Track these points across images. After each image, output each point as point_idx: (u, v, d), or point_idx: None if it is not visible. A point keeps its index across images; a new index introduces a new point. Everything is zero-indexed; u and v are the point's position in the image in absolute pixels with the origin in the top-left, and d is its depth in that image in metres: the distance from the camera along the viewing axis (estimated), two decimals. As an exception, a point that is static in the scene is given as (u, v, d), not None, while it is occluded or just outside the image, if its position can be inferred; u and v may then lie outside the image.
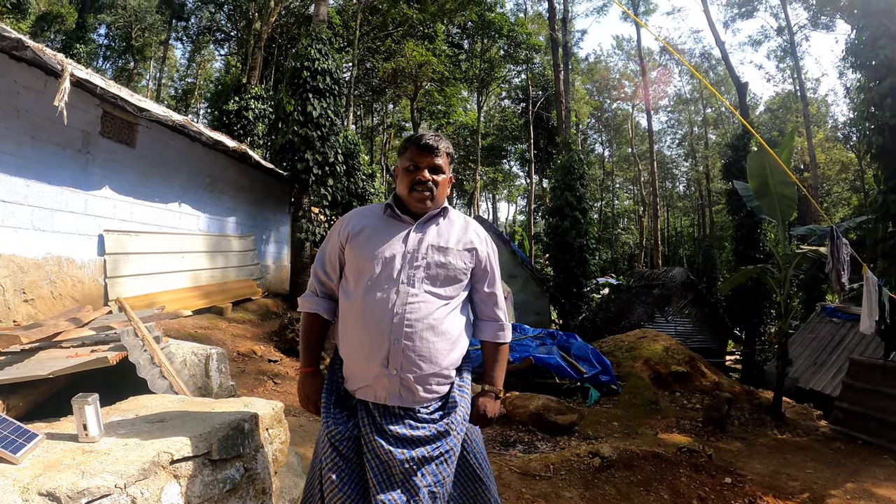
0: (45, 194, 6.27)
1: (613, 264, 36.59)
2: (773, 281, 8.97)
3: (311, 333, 2.30)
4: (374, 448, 2.00)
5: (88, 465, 1.81)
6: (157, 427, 2.25)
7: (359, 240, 2.14)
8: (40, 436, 2.03)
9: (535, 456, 4.79)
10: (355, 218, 2.22)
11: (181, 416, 2.40)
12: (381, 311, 2.03)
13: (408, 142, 2.21)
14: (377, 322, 2.03)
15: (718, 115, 45.84)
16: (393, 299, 2.04)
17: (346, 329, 2.13)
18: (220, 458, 2.19)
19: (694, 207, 51.67)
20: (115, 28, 32.65)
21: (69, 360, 3.10)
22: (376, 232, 2.14)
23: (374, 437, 2.00)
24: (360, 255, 2.11)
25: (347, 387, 2.15)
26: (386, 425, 2.02)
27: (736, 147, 19.87)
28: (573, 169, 18.00)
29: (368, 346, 2.04)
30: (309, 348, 2.31)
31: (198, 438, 2.12)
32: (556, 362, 8.34)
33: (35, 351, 3.44)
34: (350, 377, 2.13)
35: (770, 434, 7.62)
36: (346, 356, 2.14)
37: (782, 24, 31.38)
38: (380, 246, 2.10)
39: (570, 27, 29.23)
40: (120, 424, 2.30)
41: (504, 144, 44.35)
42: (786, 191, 8.38)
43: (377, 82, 30.79)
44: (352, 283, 2.15)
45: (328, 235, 2.28)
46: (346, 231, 2.17)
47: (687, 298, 20.31)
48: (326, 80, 11.75)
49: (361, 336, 2.05)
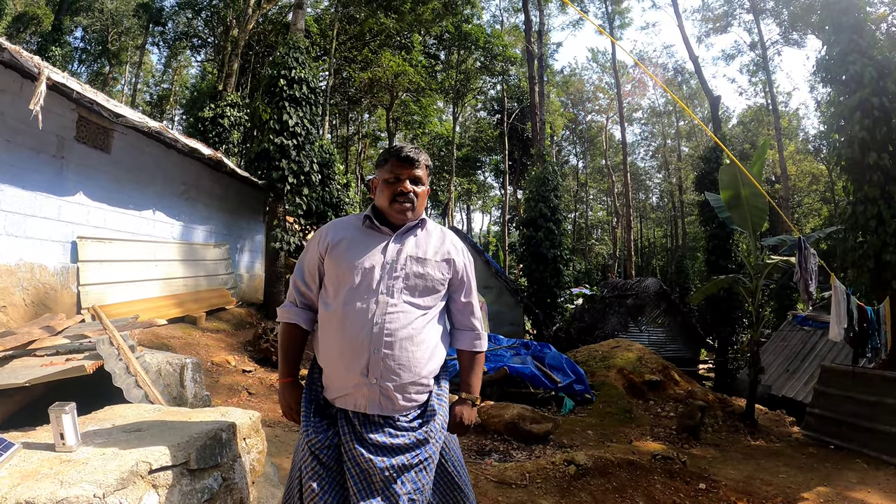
0: (17, 199, 6.16)
1: (587, 275, 36.88)
2: (744, 290, 9.16)
3: (290, 344, 2.31)
4: (354, 456, 2.02)
5: (67, 475, 1.81)
6: (135, 437, 2.24)
7: (338, 251, 2.16)
8: (17, 445, 2.02)
9: (511, 465, 4.83)
10: (334, 229, 2.24)
11: (158, 426, 2.40)
12: (361, 321, 2.06)
13: (388, 154, 2.24)
14: (357, 332, 2.05)
15: (691, 127, 46.54)
16: (373, 309, 2.07)
17: (325, 339, 2.15)
18: (198, 467, 2.20)
19: (667, 218, 52.33)
20: (92, 31, 32.22)
21: (45, 369, 3.06)
22: (355, 243, 2.17)
23: (354, 446, 2.02)
24: (340, 265, 2.13)
25: (327, 395, 2.16)
26: (366, 433, 2.04)
27: (708, 159, 20.25)
28: (547, 180, 18.16)
29: (349, 355, 2.06)
30: (288, 359, 2.32)
31: (176, 448, 2.13)
32: (530, 372, 8.39)
33: (9, 359, 3.40)
34: (329, 386, 2.15)
35: (743, 441, 7.74)
36: (326, 365, 2.15)
37: (755, 40, 32.04)
38: (359, 257, 2.13)
39: (546, 40, 29.52)
40: (97, 434, 2.29)
41: (479, 155, 44.63)
42: (757, 202, 8.56)
43: (353, 92, 30.78)
44: (331, 293, 2.17)
45: (307, 247, 2.29)
46: (325, 242, 2.19)
47: (660, 308, 20.59)
48: (303, 89, 11.75)
49: (342, 345, 2.07)
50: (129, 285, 8.01)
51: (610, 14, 36.36)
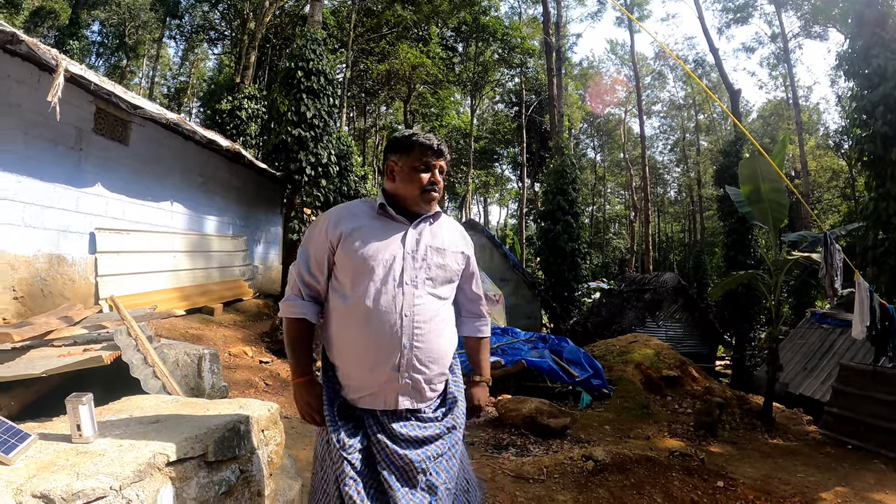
0: (36, 191, 6.20)
1: (604, 269, 36.70)
2: (763, 286, 9.00)
3: (300, 339, 2.16)
4: (388, 455, 1.98)
5: (83, 467, 1.78)
6: (152, 428, 2.22)
7: (354, 241, 2.05)
8: (33, 436, 1.99)
9: (529, 459, 4.78)
10: (345, 217, 2.12)
11: (176, 418, 2.37)
12: (389, 314, 2.00)
13: (414, 140, 2.15)
14: (387, 327, 1.99)
15: (711, 121, 46.07)
16: (400, 302, 2.02)
17: (345, 334, 2.06)
18: (215, 459, 2.17)
19: (685, 213, 51.91)
20: (109, 25, 32.42)
21: (62, 360, 3.05)
22: (372, 232, 2.08)
23: (387, 444, 1.99)
24: (357, 256, 2.02)
25: (347, 395, 2.08)
26: (397, 430, 2.01)
27: (728, 153, 20.02)
28: (566, 173, 18.04)
29: (379, 351, 1.99)
30: (301, 355, 2.16)
31: (193, 440, 2.10)
32: (548, 366, 8.33)
33: (27, 349, 3.40)
34: (350, 386, 2.07)
35: (761, 439, 7.63)
36: (346, 363, 2.07)
37: (776, 31, 31.61)
38: (378, 247, 2.04)
39: (565, 32, 29.33)
40: (114, 425, 2.27)
41: (496, 148, 44.42)
42: (777, 197, 8.41)
43: (370, 84, 30.72)
44: (348, 285, 2.06)
45: (309, 235, 2.17)
46: (336, 231, 2.07)
47: (678, 303, 20.38)
48: (321, 81, 11.73)
49: (368, 342, 2.00)
50: (147, 276, 8.04)
51: (629, 5, 35.94)
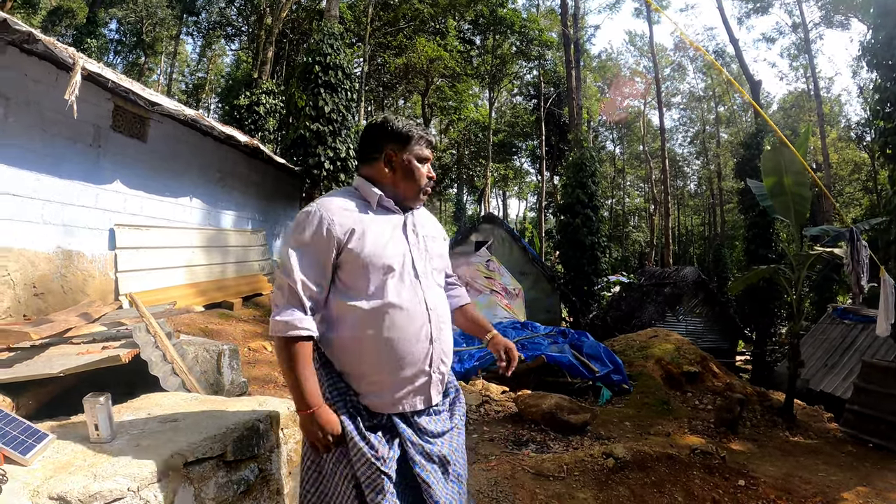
0: (55, 188, 6.22)
1: (624, 262, 36.50)
2: (785, 281, 8.85)
3: (307, 362, 1.86)
4: (425, 454, 1.91)
5: (100, 468, 1.77)
6: (170, 427, 2.20)
7: (362, 238, 1.89)
8: (50, 436, 1.98)
9: (549, 456, 4.72)
10: (343, 213, 1.92)
11: (194, 416, 2.35)
12: (417, 309, 1.93)
13: (414, 133, 2.05)
14: (418, 323, 1.92)
15: (731, 113, 45.52)
16: (421, 296, 1.95)
17: (368, 338, 1.88)
18: (234, 459, 2.15)
19: (705, 206, 51.45)
20: (126, 23, 32.76)
21: (80, 358, 3.05)
22: (376, 226, 1.95)
23: (423, 445, 1.92)
24: (371, 254, 1.88)
25: (372, 402, 1.91)
26: (426, 427, 1.96)
27: (749, 146, 19.82)
28: (585, 166, 17.94)
29: (412, 350, 1.90)
30: (311, 380, 1.85)
31: (212, 440, 2.07)
32: (568, 361, 8.26)
33: (45, 347, 3.40)
34: (376, 391, 1.90)
35: (782, 436, 7.51)
36: (371, 368, 1.89)
37: (797, 21, 31.14)
38: (388, 242, 1.94)
39: (583, 23, 29.06)
40: (132, 424, 2.25)
41: (515, 141, 44.24)
42: (801, 190, 8.24)
43: (388, 78, 30.72)
44: (361, 286, 1.89)
45: (304, 237, 1.88)
46: (342, 229, 1.88)
47: (698, 298, 20.18)
48: (338, 75, 11.73)
49: (400, 341, 1.88)
50: (166, 272, 8.08)
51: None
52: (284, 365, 1.87)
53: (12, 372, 2.84)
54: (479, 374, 8.14)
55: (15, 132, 5.72)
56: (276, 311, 1.87)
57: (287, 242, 1.94)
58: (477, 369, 8.28)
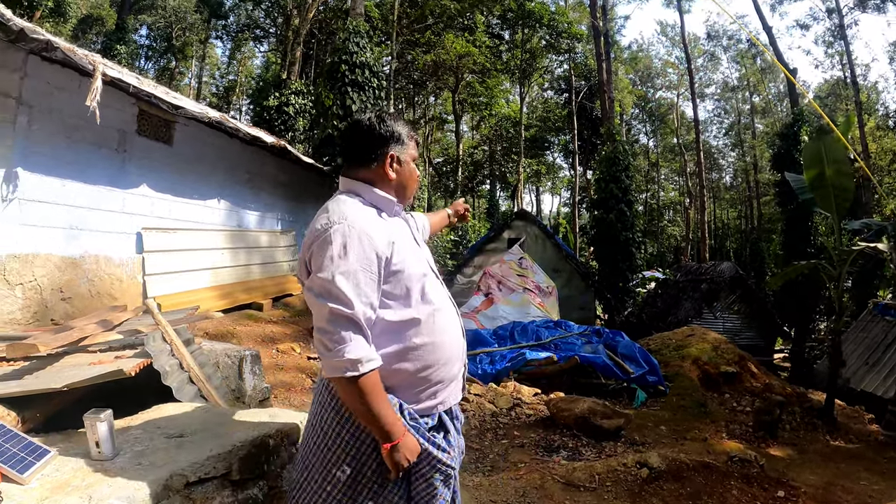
0: (81, 193, 6.24)
1: (659, 258, 35.98)
2: (826, 277, 8.49)
3: (382, 390, 1.72)
4: (460, 448, 1.98)
5: (97, 488, 1.69)
6: (175, 444, 2.11)
7: (401, 248, 1.81)
8: (52, 453, 1.92)
9: (580, 464, 4.54)
10: (376, 226, 1.79)
11: (202, 432, 2.26)
12: (450, 308, 1.95)
13: (409, 129, 1.98)
14: (455, 321, 1.96)
15: (766, 103, 44.47)
16: (447, 294, 1.98)
17: (421, 347, 1.80)
18: (240, 478, 2.06)
19: (741, 199, 50.41)
20: (156, 28, 33.30)
21: (87, 370, 2.99)
22: (401, 235, 1.87)
23: (457, 438, 1.97)
24: (409, 263, 1.81)
25: (424, 406, 1.84)
26: (458, 416, 2.02)
27: (785, 136, 19.33)
28: (618, 160, 17.66)
29: (456, 348, 1.93)
30: (389, 409, 1.71)
31: (216, 459, 1.98)
32: (602, 362, 8.06)
33: (60, 356, 3.36)
34: (429, 395, 1.85)
35: (822, 440, 7.18)
36: (424, 377, 1.82)
37: (831, 6, 30.19)
38: (410, 247, 1.89)
39: (612, 14, 28.66)
40: (137, 439, 2.17)
41: (547, 136, 43.96)
42: (842, 181, 7.89)
43: (418, 75, 30.67)
44: (404, 298, 1.80)
45: (351, 261, 1.69)
46: (383, 243, 1.75)
47: (735, 294, 19.65)
48: (365, 74, 11.68)
49: (448, 344, 1.88)
50: (195, 273, 8.09)
51: (677, -17, 34.83)
52: (359, 402, 1.68)
53: (17, 385, 2.80)
54: (511, 376, 7.99)
55: (39, 139, 5.74)
56: (340, 348, 1.63)
57: (329, 267, 1.69)
58: (508, 371, 8.12)
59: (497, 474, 4.44)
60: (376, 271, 1.72)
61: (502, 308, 11.79)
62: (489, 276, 12.78)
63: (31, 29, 4.76)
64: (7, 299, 5.43)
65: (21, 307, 5.56)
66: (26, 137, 5.61)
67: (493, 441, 5.52)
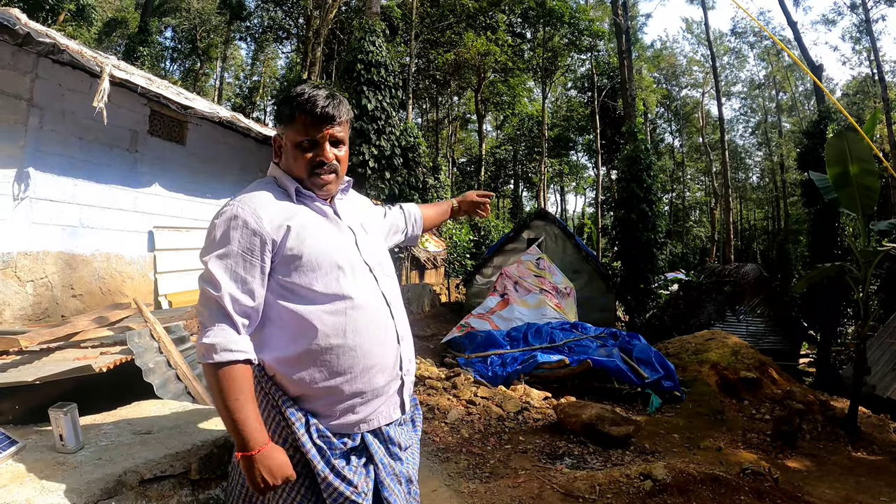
0: (93, 193, 6.32)
1: (684, 259, 35.48)
2: (851, 280, 8.25)
3: (247, 390, 1.53)
4: (394, 475, 1.70)
5: (51, 481, 1.71)
6: (139, 440, 2.11)
7: (301, 232, 1.64)
8: (18, 444, 1.94)
9: (582, 473, 4.39)
10: (269, 208, 1.65)
11: (170, 429, 2.26)
12: (377, 309, 1.69)
13: (295, 106, 1.70)
14: (381, 324, 1.69)
15: (793, 101, 43.66)
16: (378, 290, 1.73)
17: (328, 350, 1.60)
18: (200, 478, 2.04)
19: (768, 199, 49.65)
20: (180, 31, 33.78)
21: (59, 366, 3.01)
22: (309, 219, 1.70)
23: (393, 467, 1.71)
24: (313, 249, 1.63)
25: (340, 423, 1.64)
26: (396, 440, 1.74)
27: (812, 134, 18.98)
28: (639, 159, 17.45)
29: (378, 356, 1.66)
30: (250, 414, 1.51)
31: (174, 457, 1.98)
32: (615, 366, 7.91)
33: (51, 351, 3.39)
34: (344, 411, 1.64)
35: (843, 451, 6.89)
36: (335, 386, 1.61)
37: (856, 0, 29.46)
38: (325, 235, 1.70)
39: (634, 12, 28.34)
40: (106, 434, 2.19)
41: (570, 135, 43.65)
42: (867, 180, 7.66)
43: (440, 74, 30.69)
44: (308, 291, 1.62)
45: (231, 243, 1.59)
46: (274, 225, 1.61)
47: (759, 297, 19.28)
48: (381, 73, 11.69)
49: (364, 349, 1.63)
50: (207, 273, 8.13)
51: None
52: (217, 396, 1.51)
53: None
54: (522, 379, 7.90)
55: (51, 140, 5.83)
56: (203, 333, 1.54)
57: (209, 251, 1.61)
58: (519, 373, 8.04)
59: (495, 481, 4.34)
60: (261, 253, 1.59)
61: (518, 309, 11.68)
62: (506, 276, 12.68)
63: (38, 32, 4.81)
64: (18, 296, 5.51)
65: (32, 303, 5.64)
66: (37, 138, 5.70)
67: (496, 446, 5.43)
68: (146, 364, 3.20)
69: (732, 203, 37.24)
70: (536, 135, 39.00)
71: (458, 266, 20.33)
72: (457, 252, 20.26)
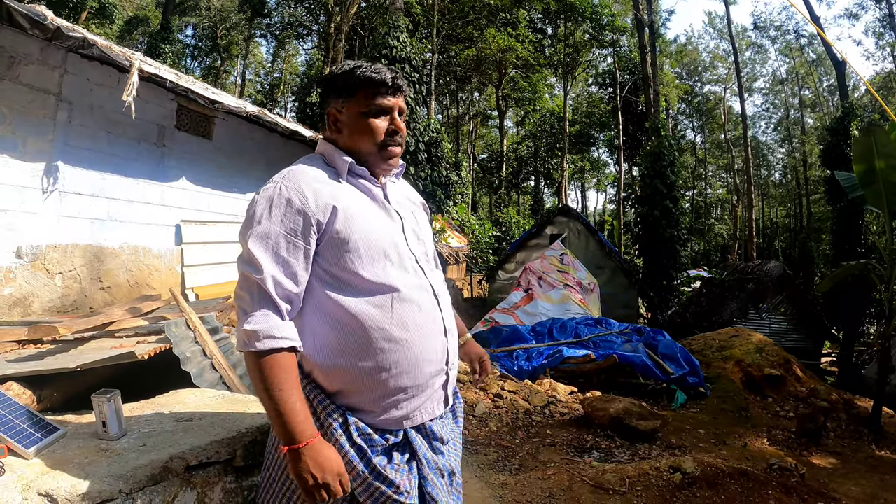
0: (121, 187, 6.39)
1: (706, 256, 35.19)
2: (876, 278, 8.11)
3: (293, 380, 1.44)
4: (439, 471, 1.63)
5: (95, 467, 1.69)
6: (182, 427, 2.10)
7: (349, 214, 1.54)
8: (61, 430, 1.94)
9: (611, 466, 4.37)
10: (317, 186, 1.55)
11: (212, 417, 2.24)
12: (426, 301, 1.60)
13: (357, 77, 1.61)
14: (429, 316, 1.60)
15: (816, 96, 43.03)
16: (427, 283, 1.64)
17: (374, 343, 1.51)
18: (245, 464, 2.02)
19: (790, 196, 48.96)
20: (201, 28, 34.06)
21: (104, 353, 3.03)
22: (355, 201, 1.59)
23: (436, 461, 1.63)
24: (361, 233, 1.53)
25: (382, 420, 1.56)
26: (439, 434, 1.66)
27: (835, 131, 18.73)
28: (663, 155, 17.29)
29: (426, 350, 1.58)
30: (297, 405, 1.42)
31: (219, 444, 1.95)
32: (641, 361, 7.86)
33: (86, 341, 3.42)
34: (386, 407, 1.55)
35: (867, 450, 6.85)
36: (380, 382, 1.53)
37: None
38: (374, 218, 1.60)
39: (657, 7, 28.08)
40: (147, 422, 2.17)
41: (592, 131, 43.42)
42: (894, 177, 7.53)
43: (461, 70, 30.64)
44: (354, 278, 1.52)
45: (275, 223, 1.50)
46: (321, 204, 1.51)
47: (782, 294, 19.03)
48: (405, 68, 11.66)
49: (413, 342, 1.55)
50: (233, 266, 8.16)
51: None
52: (260, 386, 1.43)
53: (36, 365, 2.85)
54: (548, 374, 7.86)
55: (79, 135, 5.89)
56: (244, 319, 1.45)
57: (249, 230, 1.51)
58: (545, 368, 8.00)
59: (525, 473, 4.34)
60: (307, 234, 1.49)
61: (542, 304, 11.64)
62: (530, 271, 12.64)
63: (67, 27, 4.85)
64: (47, 287, 5.58)
65: (61, 295, 5.70)
66: (66, 132, 5.76)
67: (524, 439, 5.41)
68: (183, 353, 3.22)
69: (755, 200, 36.80)
70: (558, 131, 38.79)
71: (481, 262, 20.29)
72: (479, 248, 20.23)
